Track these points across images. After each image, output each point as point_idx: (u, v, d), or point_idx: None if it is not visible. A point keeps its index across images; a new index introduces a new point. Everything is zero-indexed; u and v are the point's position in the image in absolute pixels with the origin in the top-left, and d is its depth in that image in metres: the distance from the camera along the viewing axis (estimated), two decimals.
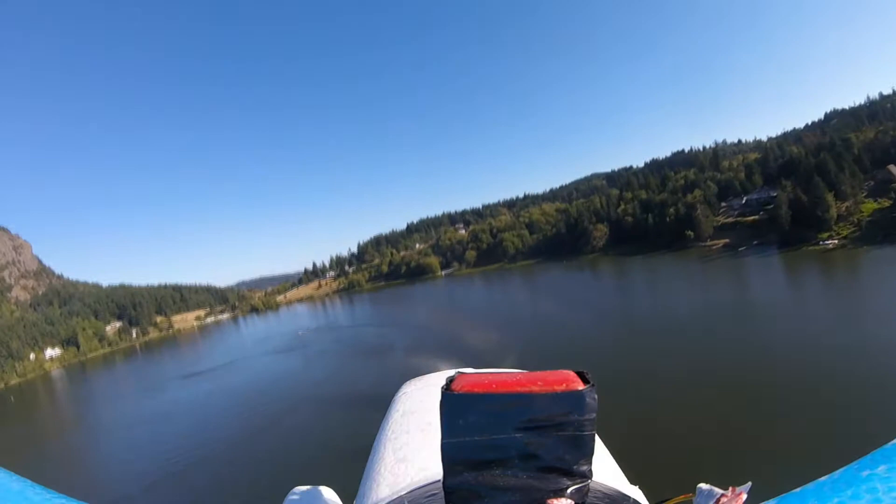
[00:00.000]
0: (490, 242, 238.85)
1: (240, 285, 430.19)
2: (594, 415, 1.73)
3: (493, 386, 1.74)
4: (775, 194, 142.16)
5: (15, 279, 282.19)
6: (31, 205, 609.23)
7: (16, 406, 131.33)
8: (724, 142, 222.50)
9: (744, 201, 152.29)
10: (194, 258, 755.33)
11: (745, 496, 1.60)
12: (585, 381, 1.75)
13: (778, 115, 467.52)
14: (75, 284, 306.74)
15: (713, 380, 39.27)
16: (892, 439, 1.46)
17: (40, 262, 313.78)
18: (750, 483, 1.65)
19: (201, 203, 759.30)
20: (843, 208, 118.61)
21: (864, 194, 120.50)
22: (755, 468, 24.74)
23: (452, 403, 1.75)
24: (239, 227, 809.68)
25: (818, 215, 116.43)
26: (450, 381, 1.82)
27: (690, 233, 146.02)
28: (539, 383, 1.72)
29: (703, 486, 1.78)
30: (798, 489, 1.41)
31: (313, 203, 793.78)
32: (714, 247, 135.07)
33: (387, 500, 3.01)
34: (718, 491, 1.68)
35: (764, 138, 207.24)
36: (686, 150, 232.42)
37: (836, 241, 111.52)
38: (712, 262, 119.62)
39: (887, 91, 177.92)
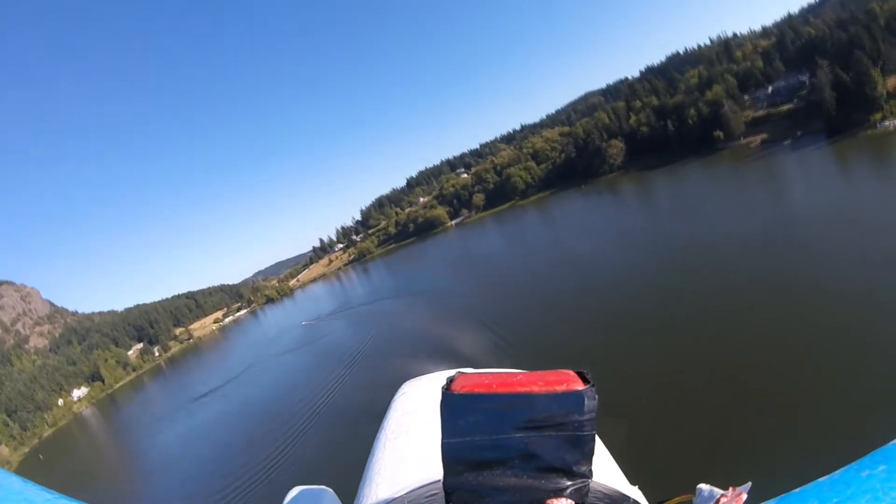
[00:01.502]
0: (496, 181, 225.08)
1: (257, 275, 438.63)
2: (594, 415, 1.74)
3: (493, 386, 1.76)
4: (805, 78, 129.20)
5: (30, 328, 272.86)
6: (28, 250, 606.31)
7: (47, 464, 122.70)
8: (726, 34, 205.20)
9: (770, 91, 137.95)
10: (205, 260, 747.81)
11: (745, 496, 1.61)
12: (585, 380, 1.77)
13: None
14: (91, 317, 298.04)
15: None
16: (892, 439, 1.47)
17: (52, 304, 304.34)
18: (750, 483, 1.66)
19: (201, 203, 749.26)
20: (891, 85, 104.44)
21: None
22: (755, 468, 24.45)
23: (452, 403, 1.78)
24: (243, 218, 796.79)
25: (866, 94, 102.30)
26: (450, 381, 1.86)
27: (719, 133, 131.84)
28: (539, 383, 1.74)
29: (703, 486, 1.80)
30: (798, 489, 1.43)
31: (313, 177, 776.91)
32: (752, 144, 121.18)
33: (387, 500, 3.11)
34: (718, 491, 1.70)
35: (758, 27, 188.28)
36: (681, 52, 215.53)
37: (895, 122, 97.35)
38: (755, 162, 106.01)
39: None
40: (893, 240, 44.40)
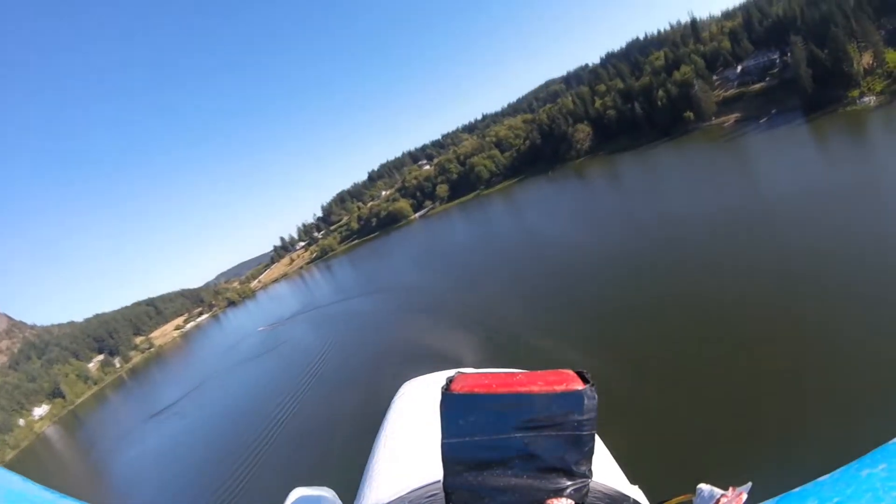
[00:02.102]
0: (460, 171, 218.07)
1: (219, 277, 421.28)
2: (594, 414, 1.73)
3: (493, 386, 1.75)
4: (776, 57, 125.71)
5: None
6: None
7: None
8: (691, 17, 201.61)
9: (739, 70, 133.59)
10: (166, 264, 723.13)
11: (745, 496, 1.61)
12: (585, 380, 1.76)
13: None
14: (50, 330, 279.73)
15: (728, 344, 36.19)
16: (892, 438, 1.46)
17: (9, 318, 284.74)
18: (750, 483, 1.65)
19: (160, 206, 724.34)
20: (865, 62, 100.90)
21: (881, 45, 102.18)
22: (755, 468, 22.34)
23: (452, 403, 1.77)
24: (204, 219, 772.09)
25: (843, 70, 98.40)
26: (449, 381, 1.84)
27: (690, 114, 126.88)
28: (539, 383, 1.73)
29: (703, 486, 1.79)
30: (798, 489, 1.42)
31: (273, 175, 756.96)
32: (725, 123, 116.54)
33: (387, 501, 3.11)
34: (718, 491, 1.69)
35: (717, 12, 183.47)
36: (641, 37, 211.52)
37: (874, 98, 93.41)
38: (730, 141, 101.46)
39: None
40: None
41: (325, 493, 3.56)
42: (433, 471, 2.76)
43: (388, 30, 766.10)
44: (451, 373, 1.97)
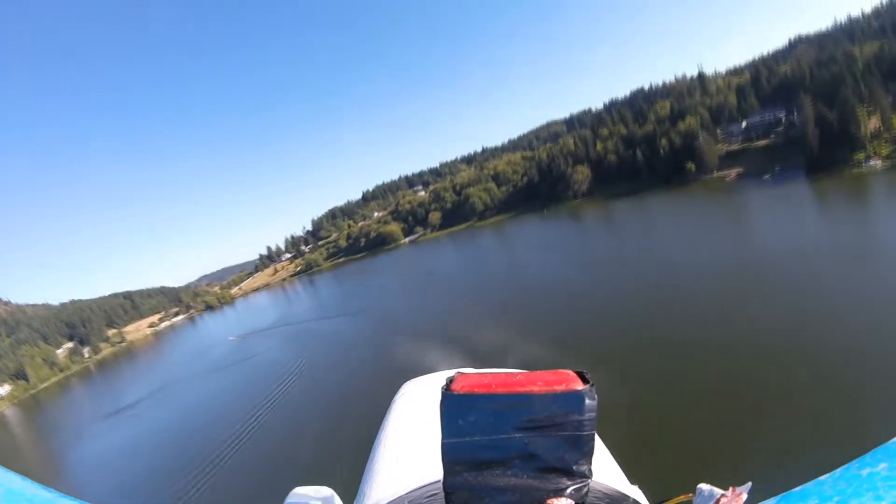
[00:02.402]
0: (454, 201, 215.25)
1: (202, 279, 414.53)
2: (594, 414, 1.72)
3: (493, 386, 1.75)
4: (782, 115, 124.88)
5: None
6: None
7: None
8: (701, 70, 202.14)
9: (744, 125, 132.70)
10: (152, 257, 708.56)
11: (745, 496, 1.61)
12: (585, 380, 1.75)
13: (734, 46, 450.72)
14: (23, 309, 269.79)
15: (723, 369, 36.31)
16: (893, 437, 1.46)
17: None
18: (750, 483, 1.65)
19: (153, 198, 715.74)
20: (872, 125, 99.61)
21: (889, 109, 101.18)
22: (755, 468, 23.19)
23: (452, 403, 1.76)
24: (197, 218, 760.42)
25: (851, 132, 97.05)
26: (449, 381, 1.83)
27: (692, 165, 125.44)
28: (539, 383, 1.72)
29: (703, 486, 1.80)
30: (798, 488, 1.42)
31: (268, 183, 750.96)
32: (727, 177, 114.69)
33: (387, 501, 3.11)
34: (718, 491, 1.70)
35: (722, 69, 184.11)
36: (646, 88, 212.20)
37: (880, 162, 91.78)
38: (730, 196, 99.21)
39: (856, 14, 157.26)
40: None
41: (325, 492, 3.68)
42: (433, 471, 2.80)
43: (396, 49, 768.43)
44: (451, 373, 1.96)
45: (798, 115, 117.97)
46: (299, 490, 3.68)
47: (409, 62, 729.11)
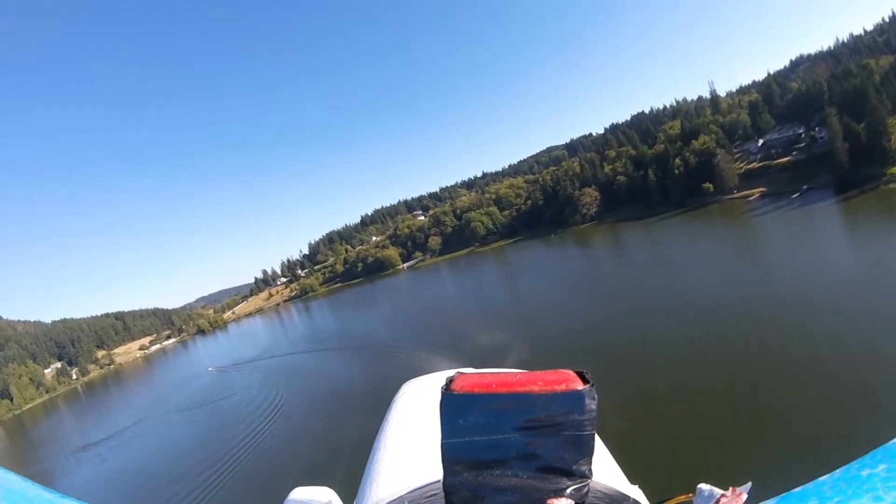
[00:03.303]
0: (455, 225, 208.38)
1: (199, 301, 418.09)
2: (594, 414, 1.72)
3: (493, 386, 1.74)
4: (801, 131, 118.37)
5: None
6: None
7: None
8: (713, 90, 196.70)
9: (760, 144, 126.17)
10: (150, 277, 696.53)
11: (745, 496, 1.61)
12: (585, 380, 1.74)
13: (732, 70, 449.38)
14: (14, 325, 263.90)
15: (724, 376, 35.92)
16: (893, 438, 1.46)
17: None
18: (750, 483, 1.66)
19: (156, 216, 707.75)
20: None
21: None
22: (755, 468, 23.78)
23: (452, 403, 1.75)
24: (195, 238, 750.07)
25: (881, 146, 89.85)
26: (449, 381, 1.82)
27: (709, 185, 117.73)
28: (539, 383, 1.72)
29: (703, 486, 1.79)
30: (798, 489, 1.42)
31: (269, 206, 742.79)
32: (750, 198, 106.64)
33: (387, 500, 3.12)
34: (718, 491, 1.69)
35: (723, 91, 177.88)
36: (646, 111, 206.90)
37: None
38: (755, 218, 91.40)
39: (857, 32, 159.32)
40: None
41: (325, 492, 3.80)
42: (433, 471, 2.82)
43: (397, 79, 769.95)
44: (451, 373, 1.96)
45: (819, 130, 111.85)
46: (300, 490, 3.75)
47: (408, 90, 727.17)
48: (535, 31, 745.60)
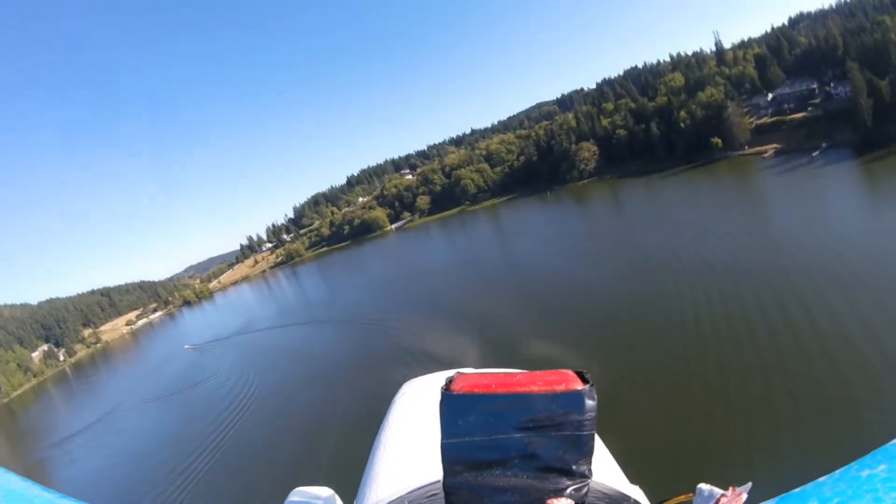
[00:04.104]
0: (444, 184, 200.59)
1: (188, 270, 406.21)
2: (594, 414, 1.74)
3: (493, 386, 1.76)
4: (815, 86, 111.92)
5: None
6: None
7: None
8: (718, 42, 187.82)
9: (770, 98, 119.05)
10: (137, 249, 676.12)
11: (745, 496, 1.61)
12: (585, 380, 1.76)
13: (727, 26, 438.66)
14: (0, 310, 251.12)
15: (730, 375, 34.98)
16: (893, 439, 1.47)
17: None
18: (750, 483, 1.66)
19: (136, 187, 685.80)
20: None
21: None
22: (755, 468, 24.59)
23: (452, 404, 1.76)
24: (181, 207, 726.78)
25: None
26: (449, 381, 1.84)
27: (718, 140, 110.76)
28: (539, 383, 1.73)
29: (703, 486, 1.79)
30: (798, 489, 1.42)
31: (256, 169, 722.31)
32: (764, 154, 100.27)
33: (387, 501, 3.14)
34: (718, 491, 1.70)
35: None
36: (640, 66, 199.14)
37: None
38: (772, 176, 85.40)
39: None
40: None
41: (325, 492, 3.77)
42: (433, 471, 2.81)
43: (381, 33, 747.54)
44: (450, 373, 1.98)
45: (835, 86, 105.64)
46: (300, 490, 3.73)
47: (393, 44, 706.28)
48: None
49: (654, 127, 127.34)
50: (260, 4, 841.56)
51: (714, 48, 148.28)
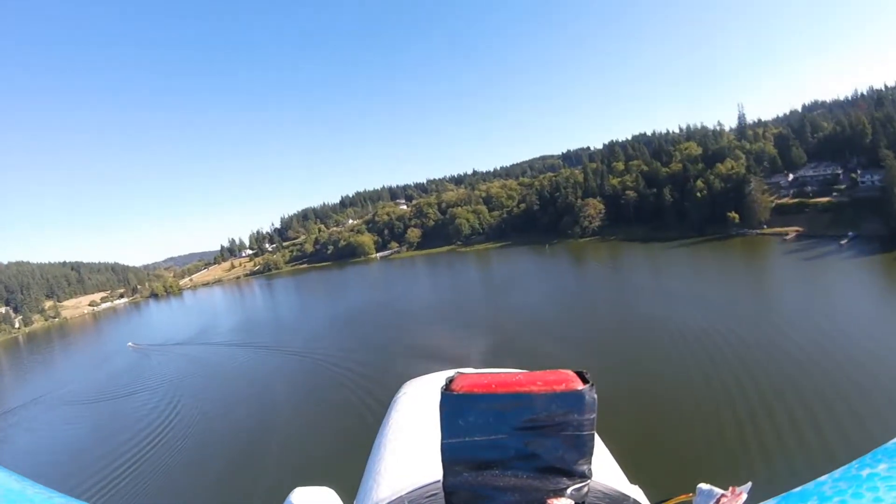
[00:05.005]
0: (438, 219, 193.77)
1: (168, 261, 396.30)
2: (594, 414, 1.73)
3: (493, 386, 1.75)
4: (840, 171, 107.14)
5: None
6: None
7: None
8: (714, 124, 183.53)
9: (791, 179, 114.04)
10: (123, 228, 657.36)
11: (745, 496, 1.61)
12: (585, 380, 1.75)
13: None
14: None
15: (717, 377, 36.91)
16: (893, 438, 1.47)
17: None
18: (750, 483, 1.66)
19: (137, 168, 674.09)
20: None
21: None
22: (755, 468, 25.08)
23: (452, 403, 1.75)
24: (175, 196, 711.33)
25: None
26: (449, 381, 1.83)
27: (735, 215, 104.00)
28: (539, 383, 1.73)
29: (703, 486, 1.79)
30: (798, 488, 1.42)
31: (252, 171, 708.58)
32: (786, 236, 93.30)
33: (387, 500, 3.17)
34: (718, 491, 1.70)
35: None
36: (648, 133, 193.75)
37: None
38: (804, 262, 76.49)
39: (878, 86, 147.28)
40: None
41: (325, 492, 3.70)
42: (433, 471, 2.82)
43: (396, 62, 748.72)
44: (450, 373, 1.97)
45: (862, 173, 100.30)
46: (300, 490, 3.68)
47: (405, 73, 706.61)
48: (533, 29, 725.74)
49: (668, 193, 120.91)
50: (284, 36, 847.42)
51: (737, 122, 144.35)
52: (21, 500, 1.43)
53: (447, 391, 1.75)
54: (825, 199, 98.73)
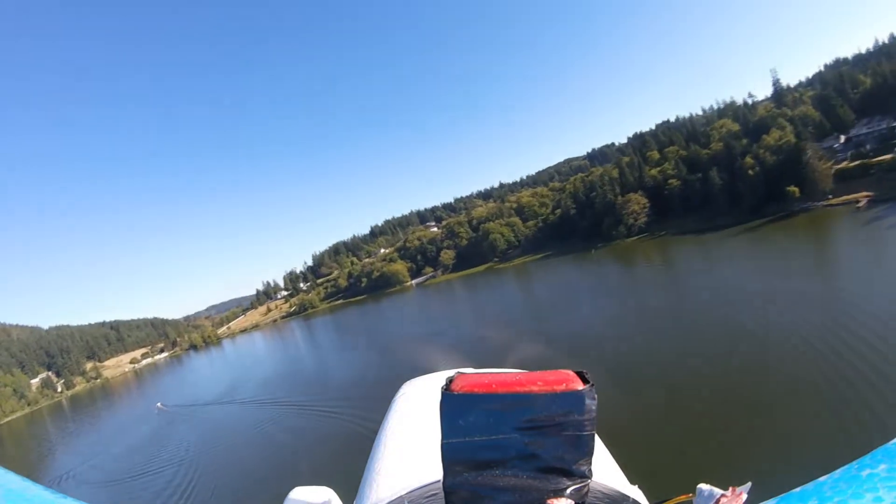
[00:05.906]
0: (471, 238, 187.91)
1: (210, 310, 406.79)
2: (594, 415, 1.73)
3: (493, 386, 1.75)
4: (895, 124, 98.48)
5: None
6: None
7: None
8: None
9: (843, 140, 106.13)
10: (162, 283, 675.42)
11: (745, 496, 1.61)
12: (585, 380, 1.75)
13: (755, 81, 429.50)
14: (8, 330, 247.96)
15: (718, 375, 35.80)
16: (893, 438, 1.47)
17: None
18: (750, 483, 1.66)
19: (172, 219, 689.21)
20: None
21: None
22: (755, 468, 24.01)
23: (452, 403, 1.76)
24: (211, 244, 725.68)
25: None
26: (449, 381, 1.83)
27: (795, 189, 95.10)
28: (539, 383, 1.73)
29: (703, 486, 1.79)
30: (798, 489, 1.42)
31: (288, 211, 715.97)
32: (858, 204, 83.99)
33: (387, 501, 3.15)
34: (718, 491, 1.69)
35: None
36: (672, 119, 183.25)
37: None
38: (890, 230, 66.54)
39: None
40: None
41: (325, 492, 3.77)
42: (433, 471, 2.87)
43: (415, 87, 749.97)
44: (450, 373, 1.96)
45: None
46: (299, 490, 3.73)
47: (423, 97, 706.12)
48: (551, 31, 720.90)
49: (715, 176, 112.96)
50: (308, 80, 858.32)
51: (772, 89, 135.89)
52: (21, 501, 1.44)
53: (447, 391, 1.76)
54: (889, 157, 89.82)
